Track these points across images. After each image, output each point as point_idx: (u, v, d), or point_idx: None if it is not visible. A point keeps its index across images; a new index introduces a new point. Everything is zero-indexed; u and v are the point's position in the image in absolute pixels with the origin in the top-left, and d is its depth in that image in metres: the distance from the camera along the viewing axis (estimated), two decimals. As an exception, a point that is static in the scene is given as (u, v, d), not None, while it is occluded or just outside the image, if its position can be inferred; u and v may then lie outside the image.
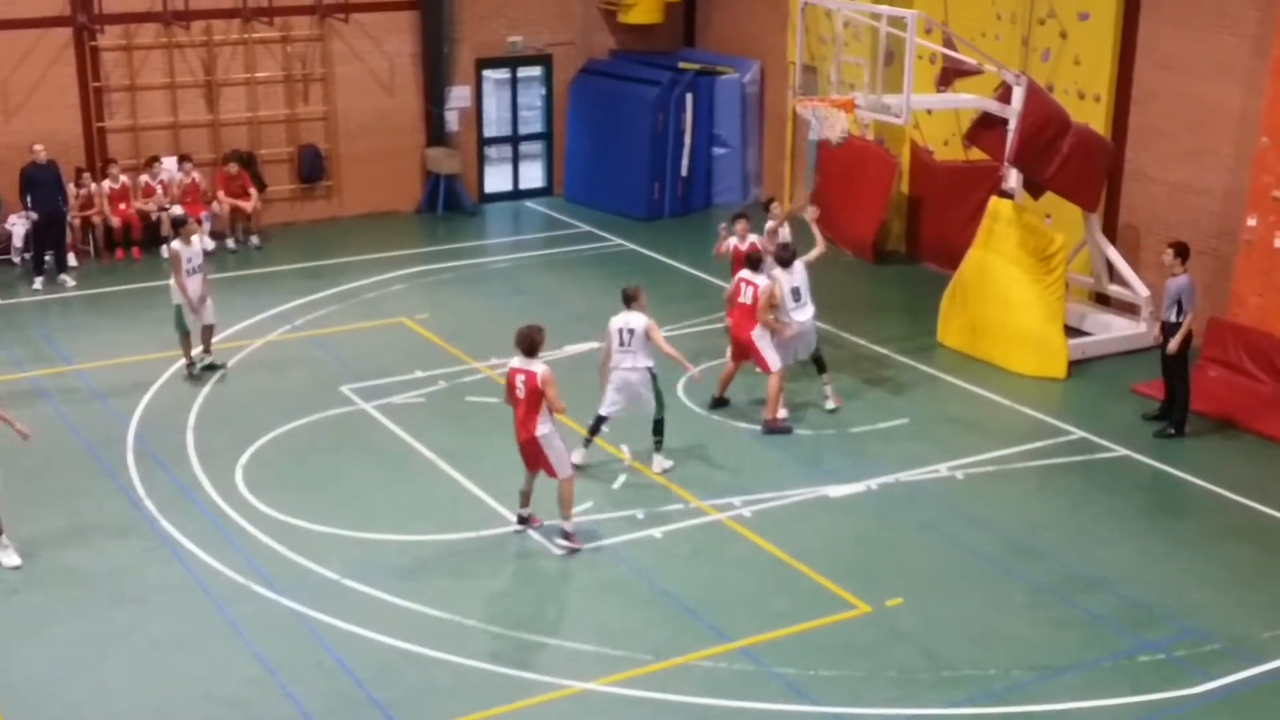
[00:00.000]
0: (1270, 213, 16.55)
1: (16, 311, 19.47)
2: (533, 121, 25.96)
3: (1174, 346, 15.20)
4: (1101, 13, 18.51)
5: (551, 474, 12.85)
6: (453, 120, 24.56)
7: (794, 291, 15.73)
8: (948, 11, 20.58)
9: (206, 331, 17.11)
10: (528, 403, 12.57)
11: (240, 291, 20.06)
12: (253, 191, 22.51)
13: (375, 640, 11.51)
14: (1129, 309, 18.40)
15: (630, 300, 14.22)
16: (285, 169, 23.61)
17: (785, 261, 15.84)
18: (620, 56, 25.40)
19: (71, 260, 21.05)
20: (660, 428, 14.48)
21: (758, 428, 15.56)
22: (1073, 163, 17.35)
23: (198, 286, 16.78)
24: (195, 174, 22.22)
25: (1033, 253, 17.36)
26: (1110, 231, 18.73)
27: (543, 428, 12.61)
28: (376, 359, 17.62)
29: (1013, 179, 17.69)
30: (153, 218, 21.68)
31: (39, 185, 20.44)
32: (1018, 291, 17.40)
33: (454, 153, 24.44)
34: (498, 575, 12.69)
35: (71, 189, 21.27)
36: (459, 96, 24.55)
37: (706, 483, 14.32)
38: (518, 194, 25.69)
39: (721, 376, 16.10)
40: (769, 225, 17.21)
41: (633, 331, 14.07)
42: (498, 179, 25.66)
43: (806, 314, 15.83)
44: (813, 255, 16.40)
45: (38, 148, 20.46)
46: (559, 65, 25.31)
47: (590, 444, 14.57)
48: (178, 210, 21.27)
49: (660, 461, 14.52)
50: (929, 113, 20.65)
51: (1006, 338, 17.44)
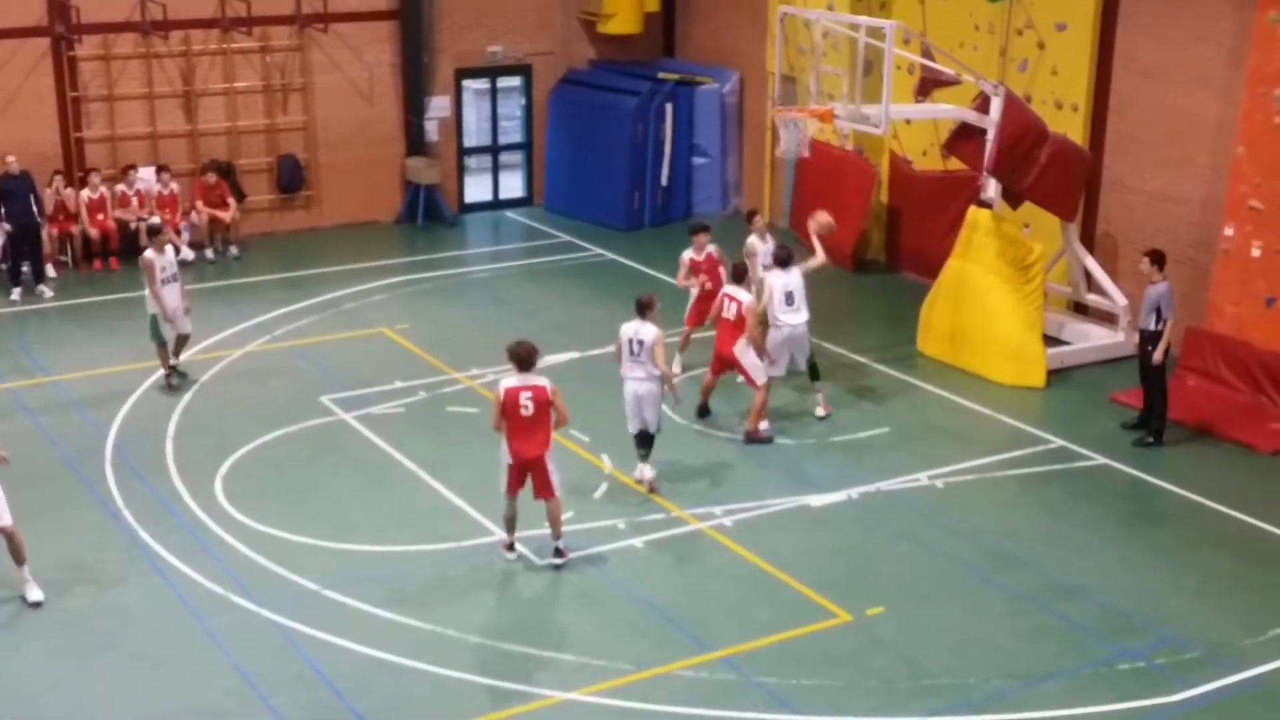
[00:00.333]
0: (1247, 222, 16.63)
1: (-6, 323, 19.41)
2: (512, 131, 25.95)
3: (1159, 357, 15.23)
4: (1079, 23, 18.59)
5: (545, 494, 12.61)
6: (432, 130, 24.53)
7: (787, 295, 15.70)
8: (926, 22, 20.66)
9: (180, 340, 17.03)
10: (536, 419, 12.26)
11: (219, 302, 20.01)
12: (231, 201, 22.45)
13: (355, 651, 11.48)
14: (1107, 318, 18.47)
15: (645, 309, 13.87)
16: (264, 179, 23.55)
17: (783, 262, 15.83)
18: (600, 67, 25.40)
19: (50, 271, 20.96)
20: (650, 440, 14.28)
21: (739, 438, 15.57)
22: (1050, 172, 17.42)
23: (175, 296, 16.71)
24: (174, 185, 22.15)
25: (1011, 262, 17.43)
26: (1088, 241, 18.81)
27: (550, 444, 12.43)
28: (356, 369, 17.58)
29: (991, 189, 17.75)
30: (131, 227, 21.61)
31: (12, 197, 20.28)
32: (997, 301, 17.46)
33: (434, 163, 24.41)
34: (478, 586, 12.65)
35: (48, 194, 21.16)
36: (439, 106, 24.53)
37: (688, 492, 14.31)
38: (498, 204, 25.67)
39: (702, 387, 16.07)
40: (750, 240, 17.18)
41: (643, 343, 13.79)
42: (478, 189, 25.63)
43: (798, 318, 15.78)
44: (813, 265, 16.34)
45: (10, 159, 20.32)
46: (539, 75, 25.31)
47: (648, 457, 14.31)
48: (155, 220, 21.17)
49: (644, 471, 14.36)
50: (908, 123, 20.75)
51: (986, 347, 17.49)
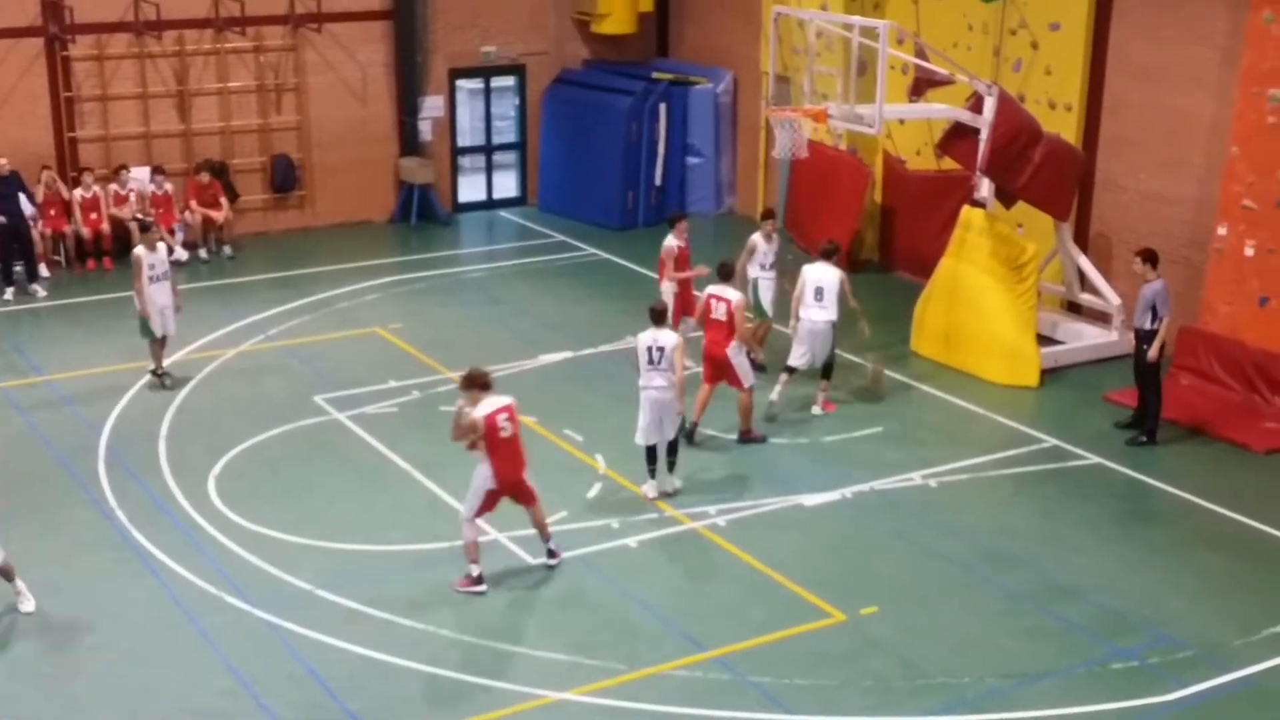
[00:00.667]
0: (1240, 222, 16.64)
1: (-13, 322, 19.38)
2: (506, 131, 25.94)
3: (1154, 354, 15.25)
4: (1072, 23, 18.61)
5: (529, 501, 12.60)
6: (426, 130, 24.51)
7: (818, 290, 15.78)
8: (920, 22, 20.66)
9: (161, 342, 16.92)
10: (514, 438, 12.26)
11: (213, 301, 19.98)
12: (224, 201, 22.43)
13: (348, 650, 11.46)
14: (1101, 317, 18.48)
15: (660, 316, 13.86)
16: (258, 179, 23.52)
17: (828, 254, 15.99)
18: (594, 66, 25.40)
19: (44, 271, 20.93)
20: (675, 447, 14.18)
21: (732, 437, 15.56)
22: (1044, 172, 17.43)
23: (164, 294, 16.67)
24: (168, 185, 22.13)
25: (1005, 262, 17.43)
26: (1082, 240, 18.81)
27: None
28: (350, 369, 17.56)
29: (985, 188, 17.77)
30: (126, 224, 21.54)
31: (1, 198, 20.28)
32: (990, 300, 17.46)
33: (427, 162, 24.39)
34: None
35: (39, 188, 21.10)
36: (432, 106, 24.51)
37: (681, 492, 14.31)
38: (491, 204, 25.66)
39: (697, 400, 15.41)
40: (754, 237, 17.07)
41: (663, 350, 13.68)
42: (471, 189, 25.61)
43: (823, 315, 15.81)
44: (864, 328, 16.35)
45: (1, 160, 20.34)
46: (533, 75, 25.29)
47: (674, 469, 14.25)
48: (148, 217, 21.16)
49: (671, 481, 14.24)
50: (901, 123, 20.74)
51: (979, 346, 17.49)
